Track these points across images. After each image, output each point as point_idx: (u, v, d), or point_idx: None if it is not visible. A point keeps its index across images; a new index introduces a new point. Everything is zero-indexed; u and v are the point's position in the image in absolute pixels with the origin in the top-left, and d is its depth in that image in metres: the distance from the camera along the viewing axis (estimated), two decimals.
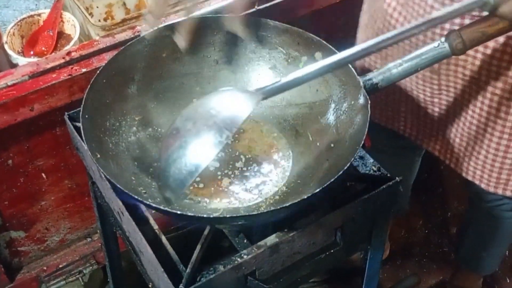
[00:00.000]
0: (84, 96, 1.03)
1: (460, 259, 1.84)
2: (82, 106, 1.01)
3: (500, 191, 1.34)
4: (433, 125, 1.36)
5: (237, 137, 1.16)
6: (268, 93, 0.87)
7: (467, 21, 1.12)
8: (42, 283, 1.58)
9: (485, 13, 1.00)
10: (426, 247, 2.07)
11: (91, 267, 1.61)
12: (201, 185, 1.07)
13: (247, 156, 1.13)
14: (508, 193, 1.34)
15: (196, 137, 0.78)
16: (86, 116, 1.01)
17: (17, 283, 1.56)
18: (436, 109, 1.31)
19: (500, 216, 1.53)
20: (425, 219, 2.14)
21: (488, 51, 1.15)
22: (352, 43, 1.42)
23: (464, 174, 1.37)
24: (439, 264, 2.02)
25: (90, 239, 1.62)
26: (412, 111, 1.37)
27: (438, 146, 1.40)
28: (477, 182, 1.35)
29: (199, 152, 0.76)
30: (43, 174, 1.43)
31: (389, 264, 2.01)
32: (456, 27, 1.02)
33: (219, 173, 1.09)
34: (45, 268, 1.58)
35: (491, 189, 1.34)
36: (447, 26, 1.15)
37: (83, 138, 0.98)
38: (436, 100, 1.29)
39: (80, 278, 1.61)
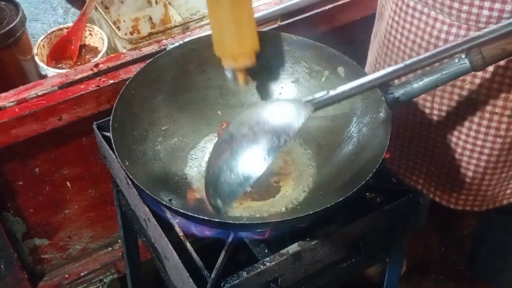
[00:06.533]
0: (114, 106, 1.06)
1: (476, 273, 1.84)
2: (112, 115, 1.05)
3: (491, 206, 1.34)
4: (418, 156, 1.34)
5: None
6: (318, 104, 0.88)
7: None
8: None
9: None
10: (442, 264, 2.06)
11: (111, 276, 1.63)
12: None
13: (269, 167, 1.15)
14: (497, 205, 1.35)
15: (253, 142, 0.78)
16: (116, 125, 1.04)
17: None
18: (424, 137, 1.29)
19: None
20: (441, 237, 2.14)
21: (490, 68, 1.13)
22: None
23: (452, 206, 1.35)
24: (455, 281, 2.00)
25: (111, 248, 1.64)
26: (396, 145, 1.35)
27: (421, 180, 1.38)
28: (468, 208, 1.34)
29: (256, 157, 0.76)
30: (68, 183, 1.46)
31: (406, 281, 2.00)
32: None
33: None
34: (66, 276, 1.60)
35: (483, 208, 1.34)
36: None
37: (113, 146, 1.01)
38: (424, 127, 1.28)
39: (100, 287, 1.63)
